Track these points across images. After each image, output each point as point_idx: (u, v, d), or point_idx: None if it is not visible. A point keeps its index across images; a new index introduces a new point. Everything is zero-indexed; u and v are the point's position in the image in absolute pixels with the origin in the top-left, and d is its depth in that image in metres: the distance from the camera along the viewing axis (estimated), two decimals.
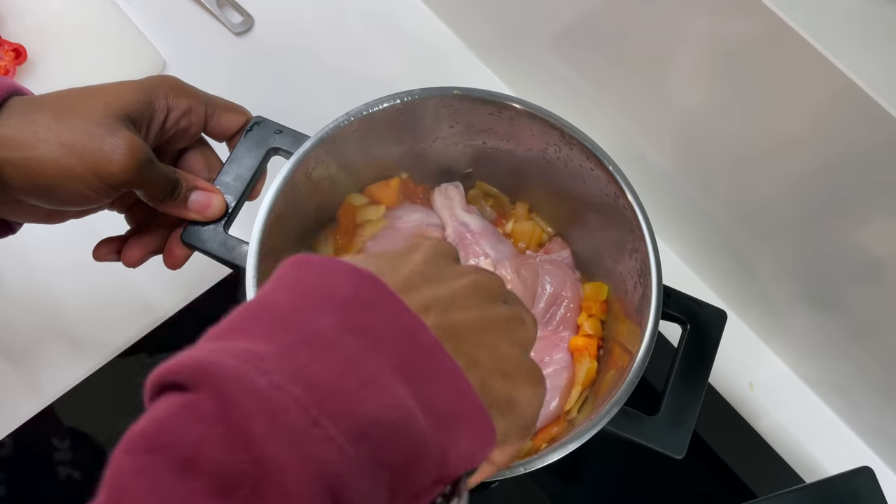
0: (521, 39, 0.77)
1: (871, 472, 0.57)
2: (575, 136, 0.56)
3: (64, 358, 0.69)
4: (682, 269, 0.76)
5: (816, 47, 0.49)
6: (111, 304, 0.71)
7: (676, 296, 0.56)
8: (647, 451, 0.51)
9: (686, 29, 0.58)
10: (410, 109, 0.57)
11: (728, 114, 0.60)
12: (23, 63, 0.76)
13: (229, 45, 0.83)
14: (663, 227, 0.75)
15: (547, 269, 0.62)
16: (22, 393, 0.67)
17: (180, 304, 0.71)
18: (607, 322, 0.62)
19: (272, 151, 0.57)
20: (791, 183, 0.60)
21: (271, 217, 0.54)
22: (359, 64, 0.82)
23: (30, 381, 0.68)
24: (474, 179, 0.67)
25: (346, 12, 0.86)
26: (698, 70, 0.60)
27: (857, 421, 0.71)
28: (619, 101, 0.70)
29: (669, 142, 0.69)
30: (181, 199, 0.51)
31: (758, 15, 0.51)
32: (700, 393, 0.53)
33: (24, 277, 0.72)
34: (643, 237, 0.55)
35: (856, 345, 0.65)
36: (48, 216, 0.51)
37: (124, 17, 0.82)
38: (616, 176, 0.55)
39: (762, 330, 0.74)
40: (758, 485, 0.67)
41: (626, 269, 0.58)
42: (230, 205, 0.55)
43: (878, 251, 0.57)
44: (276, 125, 0.57)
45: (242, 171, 0.56)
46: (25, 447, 0.65)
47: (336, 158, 0.58)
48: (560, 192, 0.62)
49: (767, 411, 0.72)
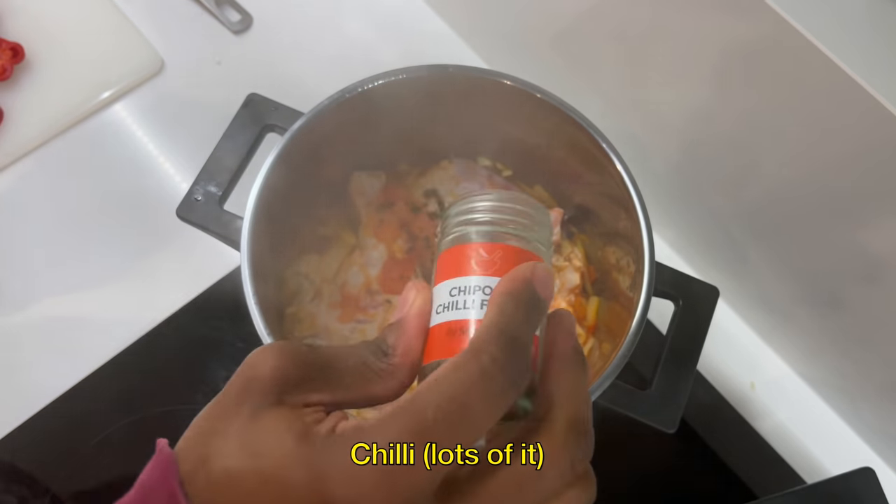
0: (521, 37, 0.77)
1: (872, 472, 0.57)
2: (566, 111, 0.56)
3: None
4: (682, 268, 0.76)
5: (818, 45, 0.48)
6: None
7: (669, 272, 0.57)
8: (646, 451, 0.51)
9: (688, 28, 0.58)
10: (407, 87, 0.57)
11: (728, 113, 0.60)
12: (20, 62, 0.76)
13: (228, 43, 0.83)
14: (663, 227, 0.75)
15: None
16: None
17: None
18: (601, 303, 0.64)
19: (267, 128, 0.57)
20: (792, 182, 0.60)
21: (267, 193, 0.53)
22: (358, 62, 0.82)
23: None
24: (473, 158, 0.67)
25: (345, 10, 0.85)
26: (699, 68, 0.60)
27: (858, 421, 0.71)
28: (619, 99, 0.70)
29: (669, 141, 0.68)
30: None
31: (759, 13, 0.50)
32: (692, 368, 0.54)
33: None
34: (633, 202, 0.55)
35: (857, 345, 0.65)
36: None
37: (122, 15, 0.81)
38: (604, 145, 0.56)
39: (763, 330, 0.74)
40: (758, 485, 0.67)
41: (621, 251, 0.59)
42: (225, 181, 0.55)
43: (880, 251, 0.57)
44: (271, 102, 0.57)
45: (237, 146, 0.56)
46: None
47: (334, 135, 0.58)
48: (558, 168, 0.63)
49: (769, 411, 0.72)
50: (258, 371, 0.26)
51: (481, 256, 0.27)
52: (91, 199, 0.75)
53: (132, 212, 0.74)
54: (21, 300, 0.71)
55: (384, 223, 0.65)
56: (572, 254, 0.65)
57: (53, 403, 0.66)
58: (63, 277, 0.71)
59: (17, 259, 0.72)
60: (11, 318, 0.70)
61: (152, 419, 0.66)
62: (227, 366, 0.68)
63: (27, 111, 0.76)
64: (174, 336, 0.70)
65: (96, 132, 0.77)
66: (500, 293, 0.26)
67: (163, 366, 0.69)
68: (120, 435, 0.65)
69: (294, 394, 0.26)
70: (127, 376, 0.68)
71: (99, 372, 0.68)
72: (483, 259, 0.27)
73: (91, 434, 0.65)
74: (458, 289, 0.27)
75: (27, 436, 0.65)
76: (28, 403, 0.66)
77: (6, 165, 0.75)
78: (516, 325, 0.25)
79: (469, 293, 0.27)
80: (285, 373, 0.26)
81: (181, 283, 0.71)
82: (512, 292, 0.26)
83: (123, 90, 0.79)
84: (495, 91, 0.58)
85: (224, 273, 0.71)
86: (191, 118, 0.78)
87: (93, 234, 0.73)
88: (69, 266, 0.72)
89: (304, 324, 0.61)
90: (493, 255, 0.27)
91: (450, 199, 0.66)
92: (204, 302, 0.71)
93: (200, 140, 0.65)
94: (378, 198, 0.65)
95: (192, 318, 0.70)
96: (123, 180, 0.76)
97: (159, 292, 0.71)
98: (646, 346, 0.53)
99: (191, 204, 0.55)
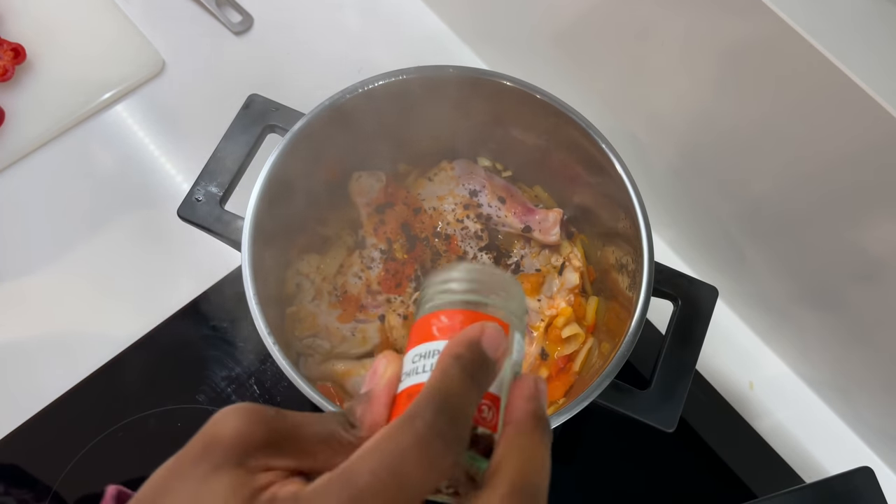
0: (521, 37, 0.77)
1: (870, 472, 0.57)
2: (567, 113, 0.57)
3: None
4: (681, 268, 0.76)
5: (816, 47, 0.49)
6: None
7: (668, 272, 0.57)
8: (645, 450, 0.51)
9: (687, 29, 0.58)
10: (407, 87, 0.57)
11: (728, 114, 0.60)
12: (22, 62, 0.76)
13: (228, 44, 0.83)
14: (662, 227, 0.76)
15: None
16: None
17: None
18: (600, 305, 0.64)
19: (268, 129, 0.57)
20: (791, 182, 0.60)
21: (268, 193, 0.53)
22: (358, 63, 0.82)
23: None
24: (473, 158, 0.68)
25: (345, 11, 0.86)
26: (698, 70, 0.60)
27: (856, 421, 0.71)
28: (619, 99, 0.70)
29: (669, 142, 0.69)
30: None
31: (759, 15, 0.50)
32: (691, 368, 0.54)
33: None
34: (632, 203, 0.55)
35: (856, 345, 0.65)
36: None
37: (123, 16, 0.82)
38: (603, 146, 0.56)
39: (762, 330, 0.74)
40: (758, 485, 0.67)
41: (620, 251, 0.59)
42: (226, 182, 0.55)
43: (878, 251, 0.57)
44: (272, 102, 0.57)
45: (238, 147, 0.56)
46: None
47: (335, 135, 0.58)
48: (555, 168, 0.63)
49: (767, 411, 0.72)
50: (220, 431, 0.26)
51: (442, 322, 0.27)
52: (92, 200, 0.75)
53: (133, 212, 0.74)
54: (21, 300, 0.71)
55: (384, 223, 0.65)
56: (572, 254, 0.65)
57: (53, 404, 0.66)
58: (63, 277, 0.71)
59: (18, 258, 0.72)
60: (11, 318, 0.70)
61: (153, 419, 0.66)
62: (228, 366, 0.69)
63: (28, 112, 0.76)
64: (174, 336, 0.70)
65: (97, 133, 0.77)
66: (444, 355, 0.26)
67: (163, 366, 0.69)
68: (120, 434, 0.66)
69: (257, 457, 0.26)
70: (127, 376, 0.68)
71: (99, 372, 0.68)
72: (444, 324, 0.27)
73: (91, 434, 0.65)
74: (420, 354, 0.27)
75: (27, 436, 0.66)
76: (28, 404, 0.66)
77: (8, 165, 0.75)
78: (457, 387, 0.25)
79: (428, 357, 0.27)
80: (248, 437, 0.26)
81: (182, 283, 0.71)
82: (455, 354, 0.26)
83: (124, 91, 0.79)
84: (495, 91, 0.59)
85: (224, 273, 0.71)
86: (192, 119, 0.79)
87: (94, 233, 0.73)
88: (70, 266, 0.72)
89: (304, 323, 0.61)
90: (453, 321, 0.27)
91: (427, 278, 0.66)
92: (204, 302, 0.71)
93: (201, 140, 0.65)
94: (378, 198, 0.65)
95: (192, 318, 0.70)
96: (124, 181, 0.76)
97: (160, 292, 0.71)
98: (645, 345, 0.53)
99: (192, 204, 0.55)
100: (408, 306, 0.62)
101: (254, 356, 0.69)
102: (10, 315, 0.70)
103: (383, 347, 0.62)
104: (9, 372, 0.68)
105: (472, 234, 0.65)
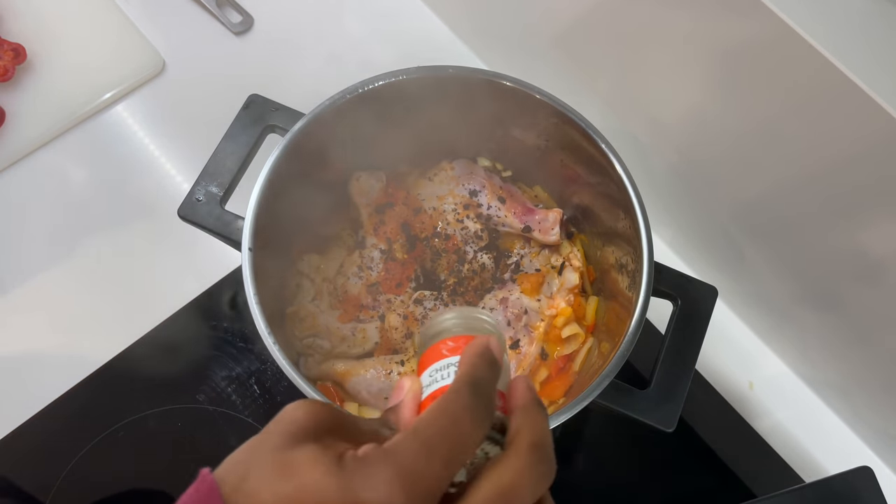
0: (520, 37, 0.77)
1: (870, 471, 0.57)
2: (567, 113, 0.57)
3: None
4: (681, 268, 0.76)
5: (817, 47, 0.49)
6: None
7: (668, 272, 0.57)
8: (645, 450, 0.52)
9: (687, 30, 0.58)
10: (407, 88, 0.58)
11: (727, 114, 0.60)
12: (22, 63, 0.76)
13: (228, 44, 0.83)
14: (662, 227, 0.76)
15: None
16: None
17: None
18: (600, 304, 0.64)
19: (268, 129, 0.57)
20: (791, 182, 0.60)
21: (268, 193, 0.53)
22: (358, 63, 0.82)
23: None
24: (473, 158, 0.68)
25: (345, 12, 0.86)
26: (698, 70, 0.60)
27: (856, 421, 0.71)
28: (618, 99, 0.70)
29: (668, 142, 0.69)
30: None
31: (758, 15, 0.51)
32: (691, 368, 0.54)
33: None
34: (632, 203, 0.55)
35: (856, 345, 0.65)
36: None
37: (124, 16, 0.82)
38: (603, 147, 0.56)
39: (762, 329, 0.74)
40: (758, 484, 0.67)
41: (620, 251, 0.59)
42: (226, 182, 0.55)
43: (879, 251, 0.57)
44: (272, 103, 0.57)
45: (238, 147, 0.56)
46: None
47: (335, 135, 0.58)
48: (556, 170, 0.63)
49: (767, 411, 0.72)
50: (296, 415, 0.31)
51: (449, 346, 0.36)
52: (92, 200, 0.75)
53: (133, 212, 0.75)
54: (21, 299, 0.71)
55: (384, 223, 0.65)
56: (571, 254, 0.65)
57: (54, 404, 0.67)
58: (64, 277, 0.72)
59: (18, 258, 0.72)
60: (11, 318, 0.70)
61: (153, 419, 0.66)
62: (228, 366, 0.69)
63: (29, 112, 0.76)
64: (174, 336, 0.70)
65: (98, 133, 0.78)
66: (468, 354, 0.34)
67: (163, 366, 0.69)
68: (120, 434, 0.66)
69: (326, 437, 0.31)
70: (127, 376, 0.68)
71: (99, 372, 0.68)
72: (451, 346, 0.36)
73: (91, 434, 0.65)
74: (436, 369, 0.36)
75: (27, 436, 0.66)
76: (28, 404, 0.66)
77: (8, 166, 0.75)
78: (482, 373, 0.33)
79: (445, 369, 0.35)
80: (321, 419, 0.31)
81: (182, 283, 0.71)
82: (476, 353, 0.34)
83: (125, 91, 0.79)
84: (495, 91, 0.59)
85: (225, 273, 0.72)
86: (192, 119, 0.79)
87: (94, 233, 0.74)
88: (70, 265, 0.72)
89: (304, 323, 0.61)
90: (458, 342, 0.36)
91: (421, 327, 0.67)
92: (204, 302, 0.71)
93: (202, 140, 0.65)
94: (378, 198, 0.65)
95: (192, 318, 0.70)
96: (125, 180, 0.76)
97: (160, 292, 0.71)
98: (645, 345, 0.53)
99: (192, 204, 0.55)
100: (407, 306, 0.62)
101: (254, 356, 0.69)
102: (9, 315, 0.70)
103: (383, 347, 0.62)
104: (9, 372, 0.68)
105: (472, 234, 0.65)
